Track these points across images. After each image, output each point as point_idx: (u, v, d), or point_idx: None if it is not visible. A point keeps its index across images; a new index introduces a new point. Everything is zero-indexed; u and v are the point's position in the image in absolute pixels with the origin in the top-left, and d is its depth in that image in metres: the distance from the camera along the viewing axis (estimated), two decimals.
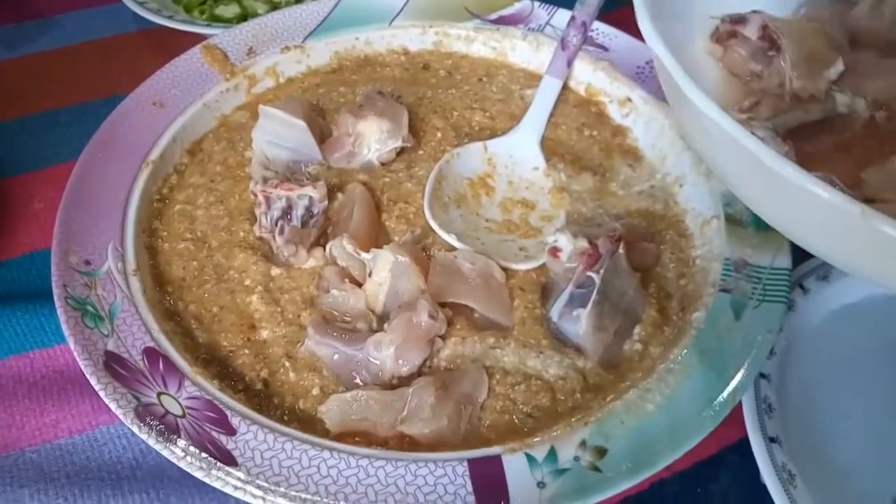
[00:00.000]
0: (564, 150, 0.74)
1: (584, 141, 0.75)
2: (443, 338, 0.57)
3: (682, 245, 0.66)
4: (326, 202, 0.64)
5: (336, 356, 0.56)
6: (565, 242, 0.59)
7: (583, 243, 0.59)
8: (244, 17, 0.97)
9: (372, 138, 0.68)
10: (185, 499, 0.57)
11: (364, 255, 0.59)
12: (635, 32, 0.80)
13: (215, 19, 0.96)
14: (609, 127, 0.77)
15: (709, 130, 0.45)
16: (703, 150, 0.52)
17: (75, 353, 0.53)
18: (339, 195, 0.67)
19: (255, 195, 0.63)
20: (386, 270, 0.58)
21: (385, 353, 0.55)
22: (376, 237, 0.64)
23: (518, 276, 0.63)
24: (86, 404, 0.61)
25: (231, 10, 0.97)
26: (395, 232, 0.65)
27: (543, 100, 0.76)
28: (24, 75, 0.93)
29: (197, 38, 0.85)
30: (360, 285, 0.60)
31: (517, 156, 0.73)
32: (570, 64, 0.78)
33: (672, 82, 0.47)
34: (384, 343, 0.55)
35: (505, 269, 0.62)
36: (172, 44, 0.91)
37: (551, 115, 0.76)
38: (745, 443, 0.57)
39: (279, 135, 0.68)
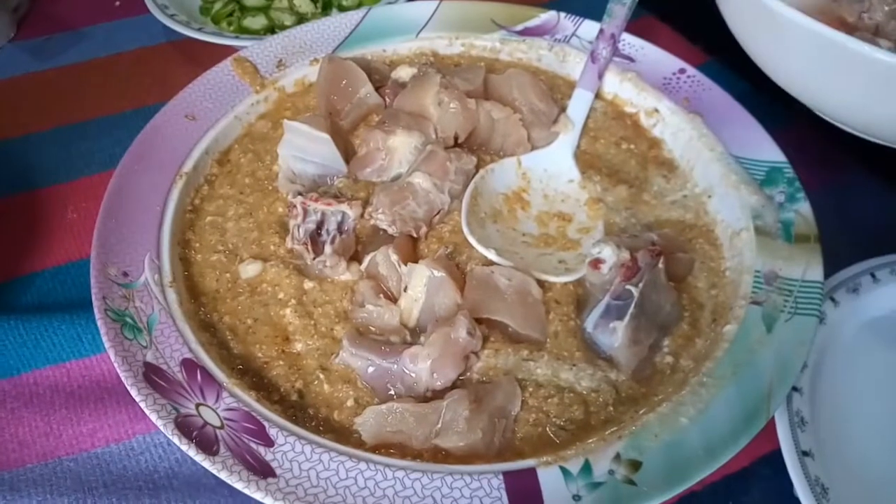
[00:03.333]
0: (602, 163, 0.74)
1: (621, 154, 0.75)
2: (476, 354, 0.57)
3: (712, 255, 0.66)
4: (358, 220, 0.65)
5: (371, 368, 0.56)
6: (609, 254, 0.59)
7: (626, 255, 0.59)
8: (271, 28, 0.97)
9: (405, 151, 0.69)
10: None
11: (402, 269, 0.60)
12: (660, 43, 0.81)
13: (243, 31, 0.97)
14: (645, 139, 0.77)
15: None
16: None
17: (115, 365, 0.54)
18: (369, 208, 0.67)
19: (295, 206, 0.64)
20: (422, 285, 0.59)
21: (421, 367, 0.55)
22: (413, 252, 0.64)
23: (555, 289, 0.63)
24: (122, 414, 0.61)
25: (258, 22, 0.97)
26: (429, 251, 0.65)
27: (576, 112, 0.76)
28: (55, 87, 0.94)
29: (225, 50, 0.86)
30: (394, 300, 0.61)
31: (552, 169, 0.73)
32: (600, 76, 0.78)
33: None
34: (420, 356, 0.55)
35: (543, 283, 0.62)
36: (201, 55, 0.92)
37: (589, 128, 0.77)
38: (776, 455, 0.56)
39: (305, 149, 0.69)
